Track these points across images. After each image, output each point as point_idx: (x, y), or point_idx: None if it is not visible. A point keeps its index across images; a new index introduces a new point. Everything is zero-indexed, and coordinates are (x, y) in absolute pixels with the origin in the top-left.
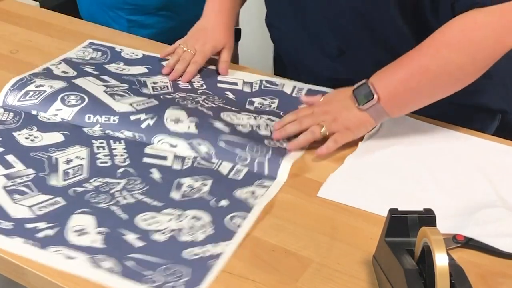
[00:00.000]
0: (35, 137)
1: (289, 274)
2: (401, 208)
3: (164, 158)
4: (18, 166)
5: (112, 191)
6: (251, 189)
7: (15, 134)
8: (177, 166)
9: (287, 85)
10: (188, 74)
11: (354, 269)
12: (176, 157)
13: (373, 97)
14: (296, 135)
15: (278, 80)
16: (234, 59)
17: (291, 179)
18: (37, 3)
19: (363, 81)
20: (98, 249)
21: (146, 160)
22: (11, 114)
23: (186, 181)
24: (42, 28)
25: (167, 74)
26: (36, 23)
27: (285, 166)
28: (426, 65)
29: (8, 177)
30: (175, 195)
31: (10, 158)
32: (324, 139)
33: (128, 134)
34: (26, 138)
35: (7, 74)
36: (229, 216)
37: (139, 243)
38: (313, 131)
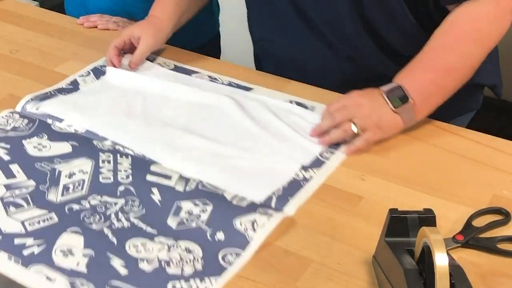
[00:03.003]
0: (43, 146)
1: (289, 274)
2: None
3: (169, 177)
4: (20, 176)
5: (108, 212)
6: (253, 217)
7: (24, 142)
8: (180, 187)
9: (318, 109)
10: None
11: (354, 269)
12: (181, 178)
13: (408, 100)
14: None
15: (309, 102)
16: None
17: None
18: (37, 3)
19: (394, 84)
20: (80, 273)
21: (149, 178)
22: (25, 121)
23: (186, 205)
24: (42, 28)
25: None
26: (36, 23)
27: (294, 203)
28: (451, 63)
29: (8, 187)
30: (172, 222)
31: (14, 167)
32: None
33: (137, 151)
34: (35, 147)
35: (7, 74)
36: (222, 252)
37: (124, 271)
38: (345, 130)
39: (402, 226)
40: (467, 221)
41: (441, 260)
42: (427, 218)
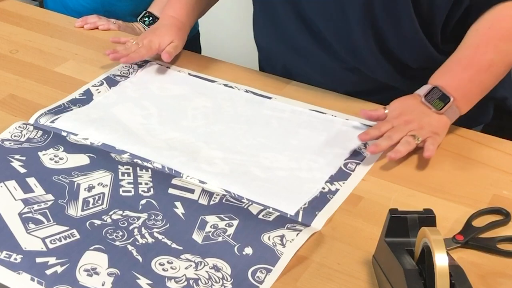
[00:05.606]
0: (60, 159)
1: (289, 274)
2: None
3: (191, 191)
4: (38, 190)
5: (131, 227)
6: (281, 232)
7: (40, 153)
8: (203, 201)
9: (339, 117)
10: (128, 58)
11: (354, 269)
12: (204, 191)
13: (450, 99)
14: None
15: (330, 112)
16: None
17: None
18: (37, 2)
19: (429, 86)
20: None
21: (171, 191)
22: (40, 132)
23: (211, 219)
24: (42, 28)
25: (109, 54)
26: (36, 23)
27: (322, 217)
28: (490, 61)
29: (26, 202)
30: (197, 236)
31: (31, 181)
32: None
33: (157, 165)
34: (51, 159)
35: (7, 74)
36: (252, 268)
37: None
38: (409, 142)
39: (402, 226)
40: (467, 221)
41: (441, 260)
42: (427, 218)
